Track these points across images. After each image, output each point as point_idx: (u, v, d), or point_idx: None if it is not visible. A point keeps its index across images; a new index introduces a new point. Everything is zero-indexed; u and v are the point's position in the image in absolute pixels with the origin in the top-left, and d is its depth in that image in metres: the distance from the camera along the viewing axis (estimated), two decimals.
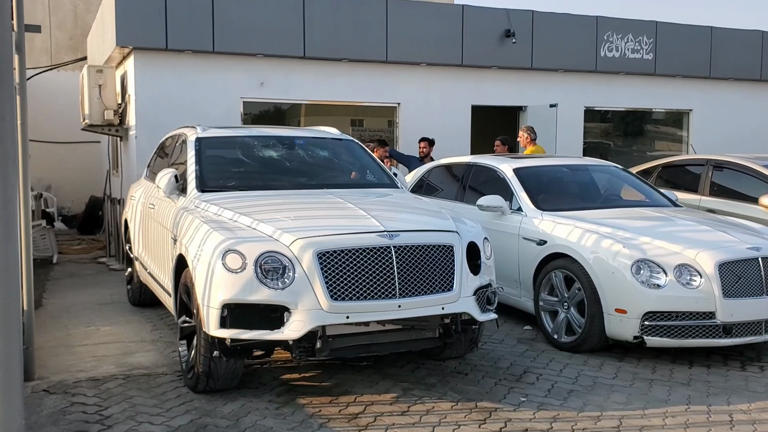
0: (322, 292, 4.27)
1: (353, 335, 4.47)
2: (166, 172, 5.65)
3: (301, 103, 11.13)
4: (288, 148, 6.21)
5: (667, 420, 4.40)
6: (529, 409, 4.54)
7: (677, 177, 9.33)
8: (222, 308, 4.31)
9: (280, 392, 4.81)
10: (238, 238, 4.45)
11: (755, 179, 8.30)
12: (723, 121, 14.11)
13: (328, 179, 6.02)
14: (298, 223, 4.64)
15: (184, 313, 5.03)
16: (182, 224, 5.07)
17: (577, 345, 5.79)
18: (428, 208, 5.37)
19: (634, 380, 5.15)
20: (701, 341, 5.42)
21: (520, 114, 12.63)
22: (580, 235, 5.91)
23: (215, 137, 6.11)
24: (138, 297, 7.33)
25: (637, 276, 5.44)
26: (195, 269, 4.54)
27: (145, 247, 6.56)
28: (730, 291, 5.39)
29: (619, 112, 14.00)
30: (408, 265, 4.47)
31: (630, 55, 13.01)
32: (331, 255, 4.34)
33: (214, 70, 10.26)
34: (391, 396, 4.74)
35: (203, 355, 4.54)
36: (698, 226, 6.15)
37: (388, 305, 4.38)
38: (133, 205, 7.30)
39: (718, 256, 5.45)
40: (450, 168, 8.31)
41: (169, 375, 5.17)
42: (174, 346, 5.91)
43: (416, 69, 11.50)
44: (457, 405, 4.60)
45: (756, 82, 14.45)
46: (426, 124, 11.43)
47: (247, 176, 5.85)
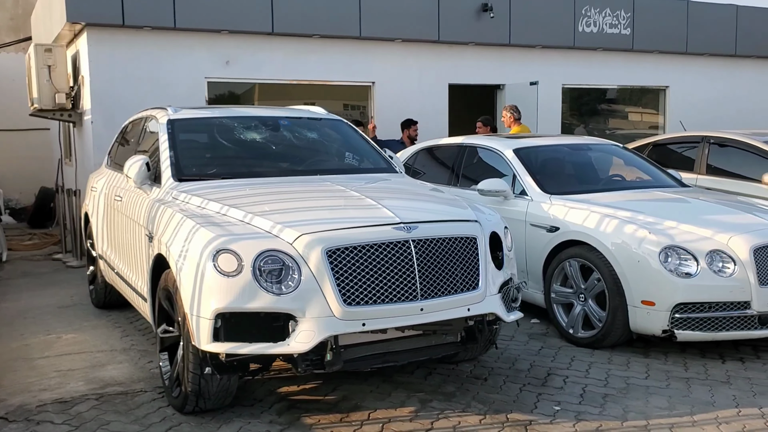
0: (333, 297, 3.65)
1: (368, 344, 3.87)
2: (136, 160, 4.94)
3: (270, 83, 10.37)
4: (272, 130, 5.54)
5: (722, 427, 3.93)
6: (566, 420, 4.02)
7: (670, 155, 8.92)
8: (215, 318, 3.66)
9: (280, 410, 4.19)
10: (232, 235, 3.80)
11: (755, 156, 7.92)
12: (699, 97, 13.84)
13: (320, 164, 5.37)
14: (300, 215, 4.00)
15: (165, 321, 4.36)
16: (159, 219, 4.39)
17: (597, 340, 5.30)
18: (440, 195, 4.78)
19: (669, 380, 4.68)
20: (736, 333, 4.98)
21: (498, 93, 12.12)
22: (598, 220, 5.40)
23: (190, 119, 5.40)
24: (103, 298, 6.60)
25: (665, 264, 4.96)
26: (180, 272, 3.88)
27: (112, 244, 5.83)
28: (766, 278, 4.95)
29: (594, 90, 13.60)
30: (429, 262, 3.89)
31: (608, 30, 12.59)
32: (342, 252, 3.72)
33: (175, 48, 9.45)
34: (408, 410, 4.17)
35: (192, 372, 3.89)
36: (721, 208, 5.70)
37: (409, 309, 3.79)
38: (94, 196, 6.54)
39: (753, 240, 5.01)
40: (439, 150, 7.73)
41: (149, 392, 4.50)
42: (150, 356, 5.24)
43: (391, 45, 10.86)
44: (485, 418, 4.05)
45: (731, 57, 14.21)
46: (402, 104, 10.82)
47: (230, 162, 5.17)
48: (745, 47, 14.13)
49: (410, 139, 10.00)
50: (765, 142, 7.93)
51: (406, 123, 10.09)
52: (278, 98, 10.71)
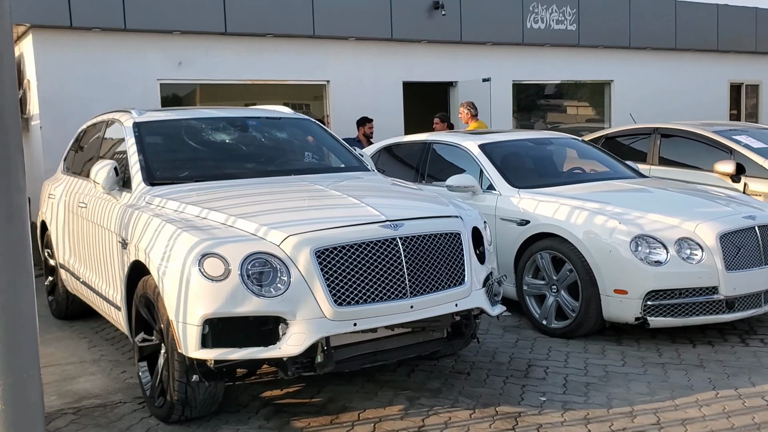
0: (324, 297, 3.62)
1: (357, 344, 3.85)
2: (103, 165, 4.79)
3: (224, 83, 10.21)
4: (241, 131, 5.45)
5: (703, 410, 4.05)
6: (555, 411, 4.08)
7: (622, 148, 9.13)
8: (203, 324, 3.58)
9: (267, 415, 4.13)
10: (216, 238, 3.72)
11: (706, 146, 8.19)
12: (643, 90, 14.22)
13: (293, 164, 5.32)
14: (284, 216, 3.95)
15: (143, 329, 4.25)
16: (134, 225, 4.26)
17: (571, 330, 5.40)
18: (419, 192, 4.79)
19: (645, 366, 4.79)
20: (705, 318, 5.13)
21: (451, 90, 12.21)
22: (569, 212, 5.49)
23: (156, 121, 5.27)
24: (64, 309, 6.39)
25: (636, 253, 5.08)
26: (162, 279, 3.77)
27: (75, 253, 5.64)
28: (732, 263, 5.13)
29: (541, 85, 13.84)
30: (416, 259, 3.88)
31: (555, 26, 12.83)
32: (331, 253, 3.69)
33: (126, 49, 9.22)
34: (398, 409, 4.16)
35: (178, 381, 3.80)
36: (685, 197, 5.87)
37: (400, 306, 3.78)
38: (52, 204, 6.31)
39: (719, 227, 5.17)
40: (402, 148, 7.73)
41: (128, 403, 4.38)
42: (122, 366, 5.10)
43: (345, 44, 10.82)
44: (475, 413, 4.07)
45: (671, 51, 14.65)
46: (358, 102, 10.80)
47: (201, 165, 5.06)
48: (684, 41, 14.61)
49: (366, 137, 10.00)
50: (715, 132, 8.21)
51: (361, 121, 10.08)
52: (233, 99, 10.56)
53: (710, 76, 15.34)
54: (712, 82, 15.40)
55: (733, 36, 15.32)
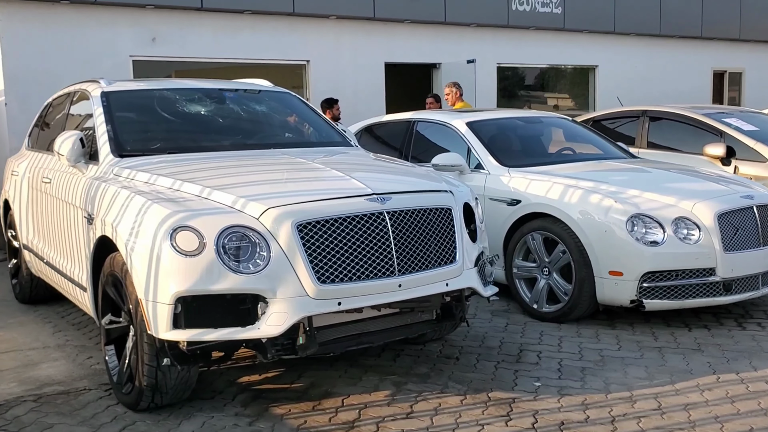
0: (306, 274, 3.34)
1: (342, 325, 3.58)
2: (68, 135, 4.46)
3: (199, 61, 9.85)
4: (218, 103, 5.13)
5: (705, 394, 3.84)
6: (550, 396, 3.85)
7: (610, 131, 8.93)
8: (175, 303, 3.29)
9: (245, 401, 3.86)
10: (190, 210, 3.43)
11: (695, 128, 8.02)
12: (626, 76, 14.08)
13: (272, 138, 5.01)
14: (264, 188, 3.66)
15: (110, 310, 3.94)
16: (101, 198, 3.95)
17: (564, 314, 5.18)
18: (407, 167, 4.53)
19: (641, 350, 4.59)
20: (702, 300, 4.93)
21: (434, 71, 11.96)
22: (562, 191, 5.26)
23: (126, 91, 4.94)
24: (29, 293, 6.05)
25: (632, 233, 4.86)
26: (131, 254, 3.48)
27: (39, 232, 5.30)
28: (730, 244, 4.93)
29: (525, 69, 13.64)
30: (404, 235, 3.62)
31: (540, 9, 12.63)
32: (313, 226, 3.41)
33: (96, 24, 8.83)
34: (384, 394, 3.90)
35: (148, 365, 3.51)
36: (681, 176, 5.68)
37: (387, 285, 3.52)
38: (15, 182, 5.95)
39: (717, 206, 4.97)
40: (384, 128, 7.46)
41: (93, 390, 4.07)
42: (88, 351, 4.80)
43: (326, 22, 10.51)
44: (466, 399, 3.83)
45: (655, 37, 14.52)
46: (338, 83, 10.51)
47: (175, 137, 4.74)
48: (668, 28, 14.48)
49: (334, 118, 9.61)
50: (705, 114, 8.03)
51: (328, 102, 9.46)
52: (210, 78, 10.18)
53: (694, 64, 15.25)
54: (695, 69, 15.31)
55: (718, 23, 15.23)
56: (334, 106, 9.58)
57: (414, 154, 6.69)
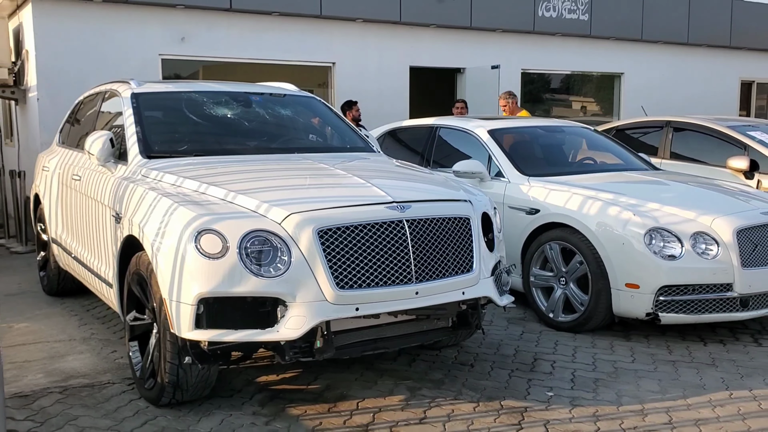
0: (326, 280, 3.43)
1: (359, 330, 3.66)
2: (99, 135, 4.59)
3: (226, 61, 9.98)
4: (244, 106, 5.24)
5: (717, 410, 3.87)
6: (562, 406, 3.90)
7: (633, 140, 8.92)
8: (198, 304, 3.40)
9: (262, 401, 3.95)
10: (215, 214, 3.53)
11: (719, 141, 7.98)
12: (653, 84, 14.00)
13: (296, 142, 5.12)
14: (287, 194, 3.75)
15: (135, 307, 4.06)
16: (129, 198, 4.07)
17: (579, 324, 5.22)
18: (427, 175, 4.60)
19: (655, 363, 4.62)
20: (718, 316, 4.95)
21: (459, 76, 11.99)
22: (581, 202, 5.30)
23: (155, 93, 5.07)
24: (56, 285, 6.20)
25: (650, 246, 4.89)
26: (156, 255, 3.59)
27: (68, 227, 5.45)
28: (748, 260, 4.94)
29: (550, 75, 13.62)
30: (423, 243, 3.69)
31: (567, 15, 12.59)
32: (334, 233, 3.49)
33: (127, 22, 8.99)
34: (398, 399, 3.98)
35: (170, 362, 3.62)
36: (702, 190, 5.67)
37: (405, 292, 3.60)
38: (46, 177, 6.11)
39: (736, 222, 4.98)
40: (407, 132, 7.53)
41: (117, 384, 4.20)
42: (113, 345, 4.93)
43: (352, 25, 10.60)
44: (479, 406, 3.90)
45: (683, 45, 14.42)
46: (362, 85, 10.60)
47: (202, 139, 4.86)
48: (696, 36, 14.37)
49: (355, 120, 9.67)
50: (729, 127, 8.00)
51: (347, 104, 9.55)
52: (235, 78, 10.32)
53: (721, 73, 15.11)
54: (722, 78, 15.17)
55: (747, 33, 15.08)
56: (353, 107, 9.64)
57: (436, 160, 6.76)
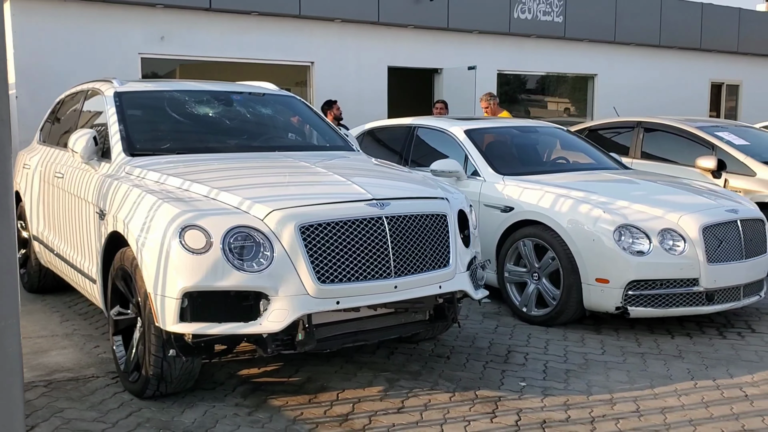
0: (307, 274, 3.55)
1: (339, 323, 3.79)
2: (82, 133, 4.66)
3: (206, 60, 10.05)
4: (225, 105, 5.34)
5: (682, 399, 4.05)
6: (535, 396, 4.06)
7: (605, 140, 9.14)
8: (182, 298, 3.50)
9: (244, 393, 4.06)
10: (198, 210, 3.63)
11: (688, 141, 8.23)
12: (625, 85, 14.29)
13: (277, 140, 5.22)
14: (269, 191, 3.87)
15: (118, 302, 4.15)
16: (113, 195, 4.16)
17: (551, 318, 5.39)
18: (405, 173, 4.73)
19: (624, 355, 4.80)
20: (685, 309, 5.15)
21: (436, 77, 12.16)
22: (553, 200, 5.47)
23: (138, 92, 5.15)
24: (37, 282, 6.25)
25: (619, 243, 5.07)
26: (141, 250, 3.68)
27: (50, 224, 5.50)
28: (713, 256, 5.14)
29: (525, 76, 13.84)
30: (402, 239, 3.83)
31: (541, 17, 12.82)
32: (316, 229, 3.62)
33: (107, 21, 9.03)
34: (377, 390, 4.11)
35: (154, 355, 3.71)
36: (669, 188, 5.88)
37: (384, 286, 3.73)
38: (27, 174, 6.15)
39: (702, 219, 5.18)
40: (385, 132, 7.66)
41: (101, 378, 4.28)
42: (95, 340, 5.00)
43: (330, 25, 10.72)
44: (455, 396, 4.04)
45: (655, 47, 14.72)
46: (341, 85, 10.72)
47: (184, 137, 4.95)
48: (668, 39, 14.68)
49: (336, 119, 9.78)
50: (698, 127, 8.24)
51: (327, 104, 9.65)
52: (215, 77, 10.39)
53: (692, 75, 15.46)
54: (693, 80, 15.51)
55: (716, 35, 15.44)
56: (333, 107, 9.73)
57: (414, 159, 6.89)
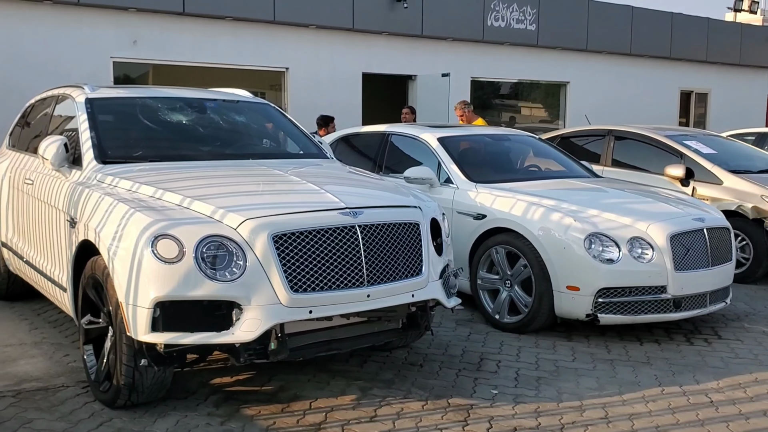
0: (280, 283, 3.56)
1: (312, 332, 3.79)
2: (53, 140, 4.62)
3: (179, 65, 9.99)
4: (199, 112, 5.32)
5: (650, 405, 4.12)
6: (506, 403, 4.10)
7: (577, 148, 9.25)
8: (154, 307, 3.48)
9: (217, 402, 4.05)
10: (171, 219, 3.62)
11: (657, 149, 8.36)
12: (597, 93, 14.48)
13: (251, 148, 5.22)
14: (242, 200, 3.87)
15: (89, 311, 4.11)
16: (84, 203, 4.12)
17: (524, 325, 5.45)
18: (379, 181, 4.76)
19: (594, 362, 4.87)
20: (653, 316, 5.24)
21: (410, 83, 12.22)
22: (525, 208, 5.53)
23: (110, 98, 5.11)
24: (5, 289, 6.16)
25: (589, 251, 5.15)
26: (113, 259, 3.66)
27: (19, 231, 5.44)
28: (681, 264, 5.24)
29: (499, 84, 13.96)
30: (374, 248, 3.85)
31: (515, 25, 12.95)
32: (289, 238, 3.62)
33: (78, 24, 8.95)
34: (350, 399, 4.13)
35: (126, 365, 3.69)
36: (639, 197, 5.98)
37: (357, 295, 3.75)
38: None
39: (669, 228, 5.27)
40: (360, 139, 7.68)
41: (71, 387, 4.24)
42: (65, 349, 4.95)
43: (305, 31, 10.73)
44: (427, 404, 4.07)
45: (626, 56, 14.94)
46: (316, 90, 10.74)
47: (157, 144, 4.93)
48: (639, 47, 14.91)
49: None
50: (667, 136, 8.39)
51: (324, 120, 9.56)
52: (188, 82, 10.34)
53: (662, 83, 15.71)
54: (663, 88, 15.77)
55: (686, 44, 15.71)
56: (330, 125, 9.56)
57: (388, 166, 6.92)
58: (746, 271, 7.31)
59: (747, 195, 7.35)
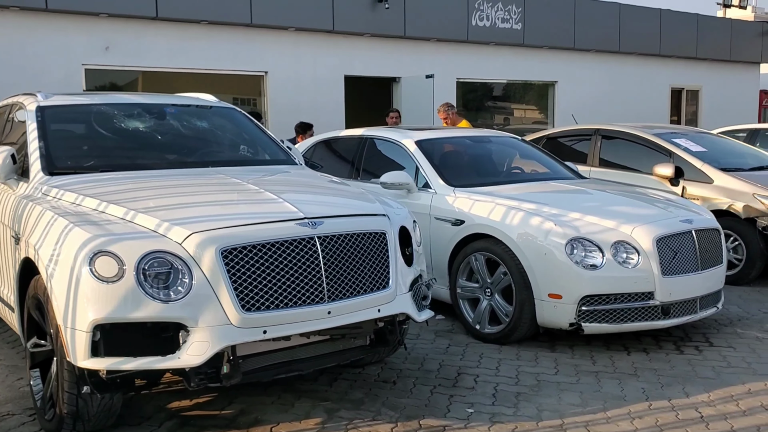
0: (230, 302, 3.29)
1: (269, 353, 3.52)
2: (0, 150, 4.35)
3: (154, 71, 9.73)
4: (157, 119, 5.05)
5: (635, 423, 3.86)
6: (481, 424, 3.83)
7: (564, 148, 9.00)
8: (93, 331, 3.21)
9: (172, 428, 3.78)
10: (111, 234, 3.35)
11: (646, 148, 8.12)
12: (586, 92, 14.24)
13: (211, 155, 4.95)
14: (190, 212, 3.59)
15: (35, 333, 3.84)
16: (27, 218, 3.85)
17: (505, 336, 5.18)
18: (344, 188, 4.49)
19: (578, 374, 4.60)
20: (641, 324, 4.97)
21: (394, 85, 11.96)
22: (504, 213, 5.27)
23: (63, 105, 4.84)
24: None
25: (571, 256, 4.88)
26: (51, 279, 3.39)
27: None
28: (668, 268, 4.98)
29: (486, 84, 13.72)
30: (336, 260, 3.58)
31: (500, 24, 12.71)
32: (239, 252, 3.36)
33: (48, 31, 8.67)
34: (314, 422, 3.85)
35: (68, 392, 3.42)
36: (623, 199, 5.71)
37: (316, 312, 3.48)
38: None
39: (655, 230, 5.01)
40: (338, 143, 7.42)
41: (17, 415, 3.96)
42: (20, 372, 4.67)
43: (284, 34, 10.46)
44: (397, 426, 3.80)
45: (615, 54, 14.70)
46: (297, 95, 10.46)
47: (109, 154, 4.65)
48: (627, 45, 14.68)
49: None
50: (655, 135, 8.14)
51: (302, 127, 9.34)
52: (164, 88, 10.07)
53: (652, 81, 15.47)
54: (654, 86, 15.53)
55: (675, 41, 15.48)
56: (308, 132, 9.32)
57: (366, 170, 6.66)
58: (739, 272, 7.06)
59: (738, 193, 7.10)
